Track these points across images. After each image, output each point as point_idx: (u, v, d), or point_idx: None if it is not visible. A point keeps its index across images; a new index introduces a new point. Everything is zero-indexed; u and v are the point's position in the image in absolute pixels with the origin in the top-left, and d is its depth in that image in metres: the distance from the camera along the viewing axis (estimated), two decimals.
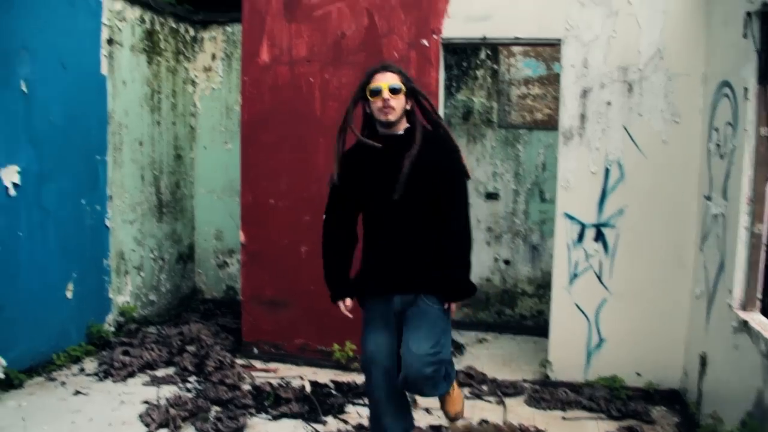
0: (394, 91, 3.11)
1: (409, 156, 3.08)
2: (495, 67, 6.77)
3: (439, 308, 3.23)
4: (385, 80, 3.12)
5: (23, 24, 4.84)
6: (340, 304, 3.39)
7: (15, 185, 4.80)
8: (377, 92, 3.11)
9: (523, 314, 6.82)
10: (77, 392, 4.75)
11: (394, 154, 3.12)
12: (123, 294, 6.06)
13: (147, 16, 6.23)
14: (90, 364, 5.30)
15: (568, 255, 5.08)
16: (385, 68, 3.19)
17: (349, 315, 3.42)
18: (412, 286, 3.22)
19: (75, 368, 5.21)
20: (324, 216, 3.40)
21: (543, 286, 6.64)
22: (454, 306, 3.33)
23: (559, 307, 5.12)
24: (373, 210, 3.27)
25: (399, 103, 3.14)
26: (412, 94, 3.22)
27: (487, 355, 5.89)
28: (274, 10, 5.41)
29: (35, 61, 4.94)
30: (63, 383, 4.91)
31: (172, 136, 6.73)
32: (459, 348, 5.95)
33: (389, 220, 3.19)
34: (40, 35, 4.99)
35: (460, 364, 5.48)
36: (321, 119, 5.34)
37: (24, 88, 4.86)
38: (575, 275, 5.07)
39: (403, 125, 3.22)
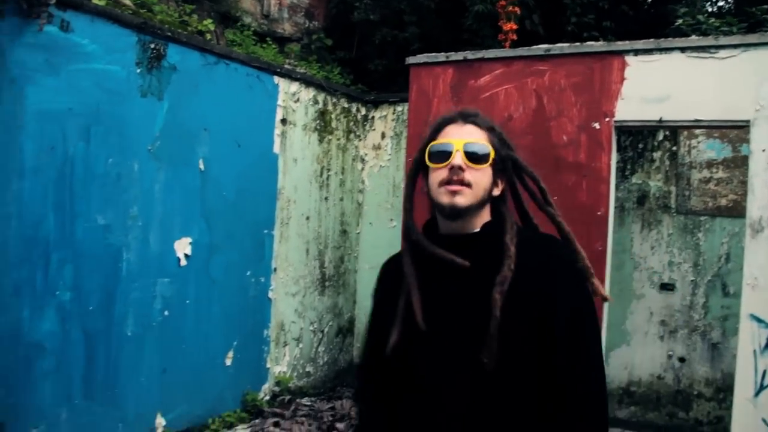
0: (473, 156, 1.68)
1: (502, 282, 1.62)
2: (674, 148, 6.35)
3: None
4: (460, 136, 1.71)
5: (206, 107, 5.22)
6: None
7: (186, 256, 5.12)
8: (443, 155, 1.69)
9: (698, 419, 6.15)
10: None
11: (461, 275, 1.68)
12: (280, 364, 6.20)
13: (320, 97, 6.53)
14: None
15: (755, 362, 4.51)
16: (466, 117, 1.77)
17: None
18: None
19: None
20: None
21: (723, 390, 5.97)
22: None
23: (742, 421, 4.52)
24: (422, 384, 1.72)
25: (480, 178, 1.69)
26: (506, 166, 1.79)
27: None
28: (440, 92, 5.45)
29: (213, 141, 5.30)
30: None
31: (339, 211, 6.92)
32: None
33: (455, 405, 1.66)
34: (220, 117, 5.36)
35: None
36: None
37: (201, 166, 5.22)
38: (762, 386, 4.48)
39: (481, 219, 1.75)
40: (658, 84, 4.80)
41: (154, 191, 4.88)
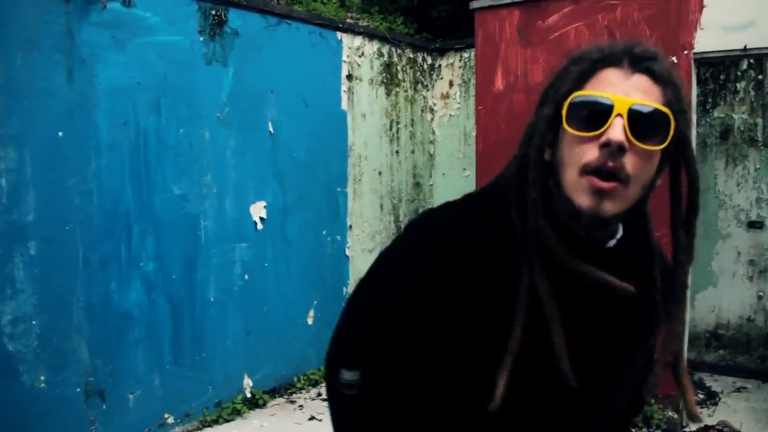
0: (643, 130, 1.03)
1: (647, 319, 1.20)
2: (760, 77, 5.98)
3: None
4: (626, 91, 1.04)
5: (270, 70, 5.21)
6: None
7: (262, 219, 5.18)
8: (593, 117, 1.04)
9: None
10: (312, 417, 4.97)
11: (592, 300, 1.14)
12: None
13: (385, 49, 6.41)
14: None
15: None
16: (637, 60, 1.06)
17: None
18: None
19: (313, 392, 5.49)
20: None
21: None
22: None
23: None
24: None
25: (644, 168, 1.06)
26: (676, 151, 1.10)
27: (746, 408, 5.19)
28: (508, 35, 5.27)
29: (280, 103, 5.30)
30: (301, 407, 5.18)
31: (411, 164, 6.86)
32: (712, 396, 5.33)
33: None
34: (285, 78, 5.34)
35: (712, 417, 4.89)
36: None
37: (271, 129, 5.23)
38: None
39: (618, 227, 1.20)
40: (742, 9, 4.49)
41: (226, 158, 4.92)
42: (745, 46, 4.52)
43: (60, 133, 3.93)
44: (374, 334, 1.22)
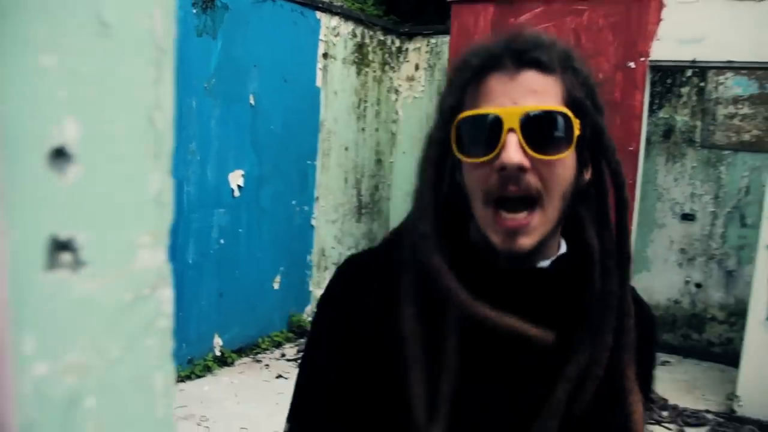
0: (542, 139, 0.86)
1: (573, 374, 0.91)
2: (701, 84, 6.55)
3: None
4: (513, 98, 0.86)
5: (255, 44, 5.43)
6: None
7: (239, 187, 5.43)
8: (483, 137, 0.87)
9: (711, 340, 6.59)
10: (279, 375, 5.30)
11: (501, 351, 0.93)
12: (321, 287, 6.60)
13: (359, 30, 6.69)
14: (290, 350, 5.87)
15: None
16: (519, 55, 0.87)
17: None
18: None
19: (277, 353, 5.81)
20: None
21: (735, 314, 6.38)
22: None
23: (754, 341, 4.95)
24: None
25: (557, 177, 0.88)
26: (591, 142, 0.91)
27: (669, 379, 5.79)
28: (481, 29, 5.63)
29: (262, 77, 5.53)
30: (267, 365, 5.50)
31: (375, 141, 7.18)
32: None
33: None
34: (268, 53, 5.57)
35: None
36: None
37: (252, 101, 5.46)
38: None
39: (554, 242, 0.98)
40: (694, 25, 4.99)
41: (210, 127, 5.14)
42: (694, 59, 5.02)
43: None
44: (301, 383, 1.05)
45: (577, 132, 0.87)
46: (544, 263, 0.96)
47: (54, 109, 0.34)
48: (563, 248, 1.00)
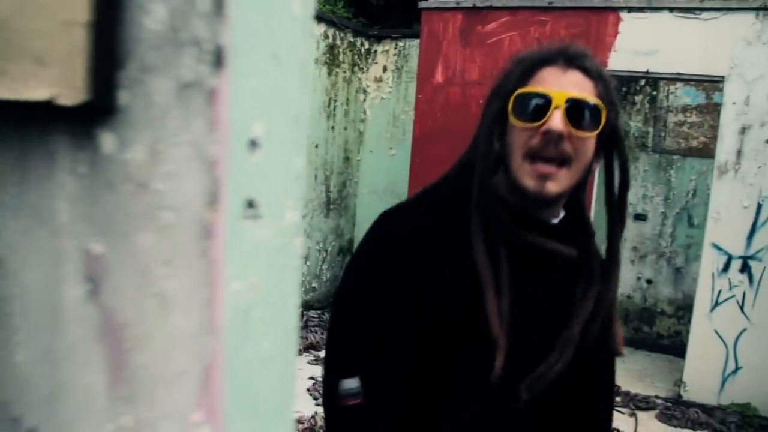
0: (580, 119, 1.15)
1: (585, 282, 1.28)
2: (654, 93, 6.92)
3: None
4: (562, 86, 1.17)
5: None
6: None
7: None
8: (534, 109, 1.16)
9: (660, 333, 6.97)
10: None
11: (537, 276, 1.28)
12: None
13: (330, 32, 6.89)
14: None
15: (712, 283, 5.24)
16: (571, 59, 1.19)
17: None
18: None
19: None
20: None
21: (683, 308, 6.76)
22: None
23: (699, 331, 5.29)
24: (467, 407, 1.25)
25: (584, 151, 1.18)
26: (609, 137, 1.23)
27: (622, 368, 5.98)
28: (450, 35, 5.89)
29: None
30: None
31: (343, 140, 7.39)
32: None
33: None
34: None
35: None
36: None
37: None
38: (717, 303, 5.23)
39: (560, 209, 1.31)
40: (647, 39, 5.32)
41: None
42: (648, 70, 5.35)
43: None
44: (363, 335, 1.23)
45: (603, 121, 1.17)
46: (553, 220, 1.28)
47: (253, 113, 0.51)
48: (562, 214, 1.30)
